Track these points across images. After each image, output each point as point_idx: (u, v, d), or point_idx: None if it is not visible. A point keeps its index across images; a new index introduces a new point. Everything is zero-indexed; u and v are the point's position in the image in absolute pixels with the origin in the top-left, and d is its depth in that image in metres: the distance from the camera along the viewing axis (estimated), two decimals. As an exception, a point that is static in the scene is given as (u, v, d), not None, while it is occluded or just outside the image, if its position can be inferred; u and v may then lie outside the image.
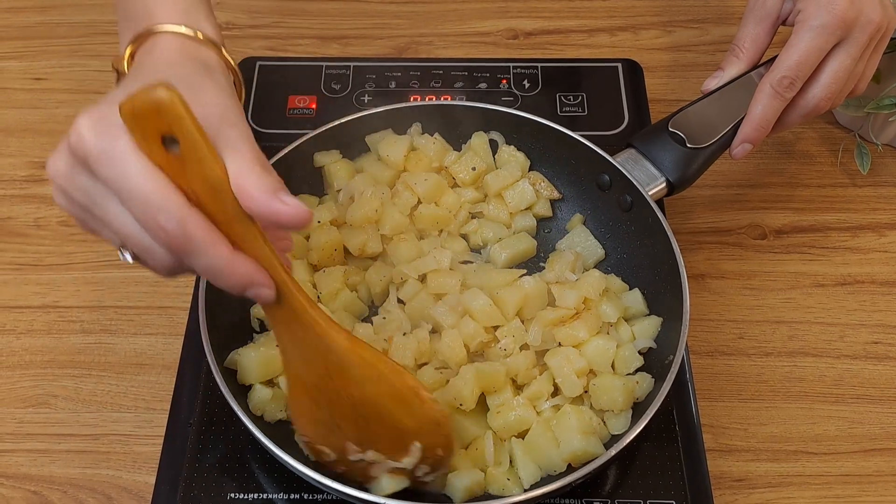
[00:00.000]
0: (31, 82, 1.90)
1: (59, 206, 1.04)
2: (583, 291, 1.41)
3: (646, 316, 1.44)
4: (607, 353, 1.36)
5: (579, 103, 1.77)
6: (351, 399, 1.16)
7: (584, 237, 1.54)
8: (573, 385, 1.33)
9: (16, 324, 1.54)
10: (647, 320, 1.42)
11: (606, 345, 1.37)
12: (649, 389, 1.33)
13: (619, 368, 1.37)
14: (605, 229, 1.54)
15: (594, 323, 1.38)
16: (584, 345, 1.37)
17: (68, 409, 1.46)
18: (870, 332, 1.55)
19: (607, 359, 1.36)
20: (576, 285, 1.42)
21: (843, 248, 1.65)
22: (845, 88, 1.46)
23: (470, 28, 2.00)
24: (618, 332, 1.41)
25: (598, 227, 1.55)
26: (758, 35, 1.51)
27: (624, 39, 1.99)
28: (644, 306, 1.44)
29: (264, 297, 1.03)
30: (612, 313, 1.41)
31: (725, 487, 1.39)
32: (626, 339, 1.41)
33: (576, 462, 1.27)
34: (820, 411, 1.46)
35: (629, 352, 1.37)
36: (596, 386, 1.33)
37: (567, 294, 1.40)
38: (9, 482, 1.39)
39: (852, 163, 1.72)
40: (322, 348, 1.12)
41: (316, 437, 1.23)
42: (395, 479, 1.23)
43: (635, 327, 1.42)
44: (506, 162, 1.58)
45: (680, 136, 1.46)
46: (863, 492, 1.39)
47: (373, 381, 1.15)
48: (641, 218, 1.46)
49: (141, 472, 1.40)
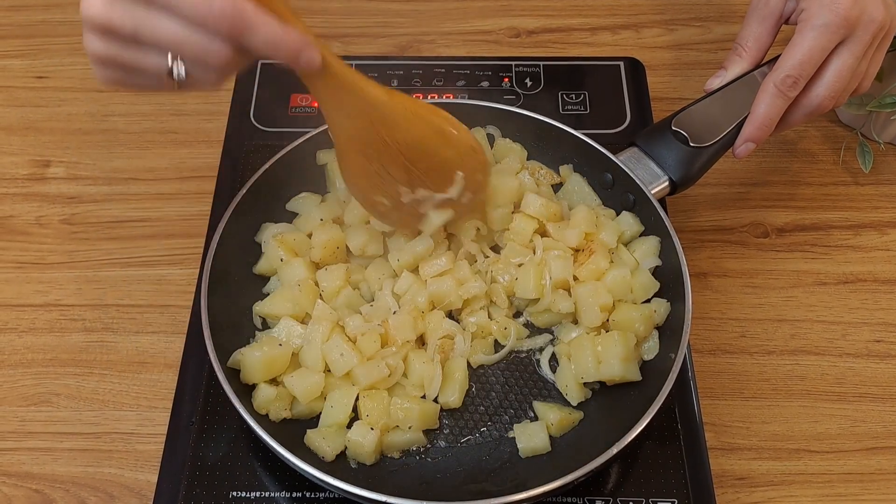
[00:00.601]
0: (33, 80, 1.90)
1: (90, 53, 1.08)
2: (582, 227, 1.46)
3: (642, 236, 1.47)
4: (625, 282, 1.41)
5: (581, 101, 1.77)
6: (397, 144, 1.30)
7: (579, 186, 1.57)
8: (595, 316, 1.39)
9: (18, 322, 1.55)
10: (646, 240, 1.46)
11: (622, 273, 1.42)
12: (667, 314, 1.38)
13: (638, 294, 1.42)
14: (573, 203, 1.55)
15: (606, 254, 1.44)
16: (604, 276, 1.43)
17: (70, 407, 1.46)
18: (872, 331, 1.55)
19: (626, 287, 1.41)
20: (569, 224, 1.48)
21: (845, 247, 1.65)
22: (849, 87, 1.46)
23: (472, 26, 2.00)
24: (620, 257, 1.45)
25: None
26: (761, 34, 1.50)
27: (626, 38, 1.99)
28: (638, 224, 1.48)
29: (315, 62, 1.13)
30: (609, 239, 1.46)
31: (727, 486, 1.39)
32: (631, 263, 1.45)
33: (609, 382, 1.36)
34: (822, 410, 1.46)
35: (645, 277, 1.43)
36: (615, 320, 1.39)
37: (568, 234, 1.46)
38: (11, 480, 1.39)
39: (854, 161, 1.72)
40: (366, 106, 1.25)
41: (372, 190, 1.37)
42: (442, 211, 1.41)
43: (636, 252, 1.46)
44: (504, 154, 1.59)
45: (683, 134, 1.46)
46: (865, 490, 1.39)
47: (413, 122, 1.31)
48: (644, 216, 1.46)
49: (143, 471, 1.40)
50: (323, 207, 1.52)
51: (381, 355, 1.37)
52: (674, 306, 1.38)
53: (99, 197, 1.70)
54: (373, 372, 1.34)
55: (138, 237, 1.65)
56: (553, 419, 1.35)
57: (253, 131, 1.73)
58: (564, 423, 1.35)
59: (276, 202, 1.53)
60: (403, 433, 1.33)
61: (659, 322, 1.40)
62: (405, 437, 1.33)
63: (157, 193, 1.71)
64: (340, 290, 1.44)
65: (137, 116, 1.82)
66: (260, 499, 1.32)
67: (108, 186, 1.72)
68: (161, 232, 1.65)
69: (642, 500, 1.32)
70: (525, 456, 1.34)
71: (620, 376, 1.34)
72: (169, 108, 1.83)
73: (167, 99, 1.84)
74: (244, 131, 1.73)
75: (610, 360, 1.34)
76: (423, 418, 1.34)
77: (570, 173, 1.58)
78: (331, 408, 1.33)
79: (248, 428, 1.23)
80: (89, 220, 1.67)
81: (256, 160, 1.60)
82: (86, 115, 1.83)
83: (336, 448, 1.30)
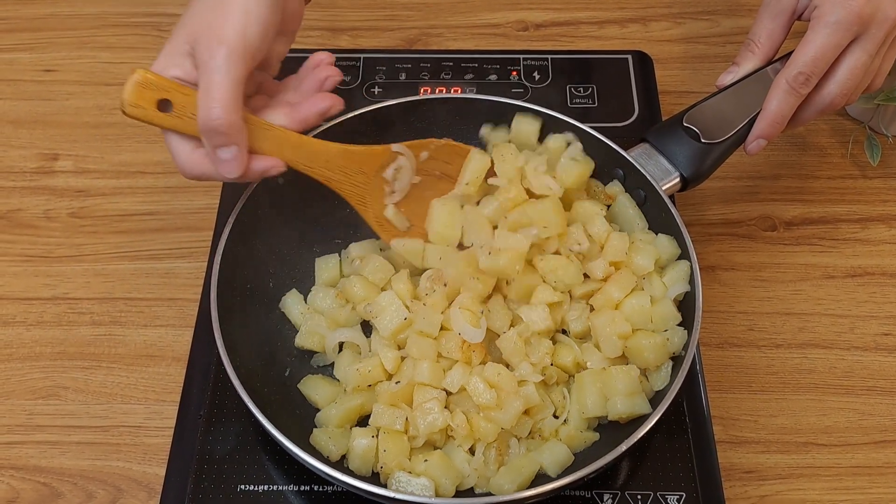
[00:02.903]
0: (41, 74, 1.90)
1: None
2: (608, 257, 1.41)
3: (678, 260, 1.42)
4: (644, 311, 1.37)
5: (589, 95, 1.77)
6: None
7: (624, 208, 1.52)
8: (614, 346, 1.34)
9: (26, 315, 1.55)
10: (678, 265, 1.41)
11: (641, 302, 1.37)
12: (683, 341, 1.33)
13: (658, 325, 1.37)
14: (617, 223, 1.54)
15: (627, 282, 1.39)
16: (622, 305, 1.38)
17: (78, 400, 1.46)
18: (880, 324, 1.54)
19: (645, 315, 1.37)
20: (600, 253, 1.43)
21: (853, 240, 1.65)
22: (861, 85, 1.45)
23: (480, 20, 2.00)
24: (651, 283, 1.40)
25: (611, 220, 1.54)
26: (773, 30, 1.50)
27: (634, 31, 1.99)
28: (675, 247, 1.42)
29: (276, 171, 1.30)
30: (646, 264, 1.40)
31: (735, 479, 1.39)
32: (659, 291, 1.40)
33: (623, 420, 1.30)
34: (830, 403, 1.46)
35: (666, 307, 1.37)
36: (629, 347, 1.34)
37: (593, 266, 1.41)
38: (19, 474, 1.39)
39: (862, 154, 1.72)
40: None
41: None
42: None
43: (666, 276, 1.41)
44: (565, 168, 1.48)
45: (694, 130, 1.46)
46: (873, 483, 1.39)
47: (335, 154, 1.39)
48: (654, 212, 1.45)
49: (151, 464, 1.40)
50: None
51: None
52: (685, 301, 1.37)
53: (107, 190, 1.70)
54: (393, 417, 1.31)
55: (146, 230, 1.65)
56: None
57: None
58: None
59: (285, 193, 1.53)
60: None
61: (675, 351, 1.35)
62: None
63: (165, 187, 1.71)
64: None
65: (145, 110, 1.82)
66: (268, 492, 1.32)
67: (116, 180, 1.72)
68: (169, 225, 1.65)
69: (650, 494, 1.32)
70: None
71: (628, 413, 1.30)
72: (177, 101, 1.83)
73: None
74: (252, 124, 1.72)
75: (614, 397, 1.31)
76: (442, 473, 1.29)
77: (619, 192, 1.51)
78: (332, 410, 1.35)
79: (256, 422, 1.22)
80: (97, 214, 1.67)
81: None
82: (94, 109, 1.83)
83: (341, 449, 1.30)
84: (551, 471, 1.28)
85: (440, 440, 1.32)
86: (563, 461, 1.29)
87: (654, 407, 1.25)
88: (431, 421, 1.29)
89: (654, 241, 1.44)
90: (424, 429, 1.29)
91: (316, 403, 1.37)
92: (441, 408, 1.30)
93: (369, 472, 1.29)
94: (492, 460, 1.30)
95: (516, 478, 1.26)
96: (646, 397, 1.31)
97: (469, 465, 1.29)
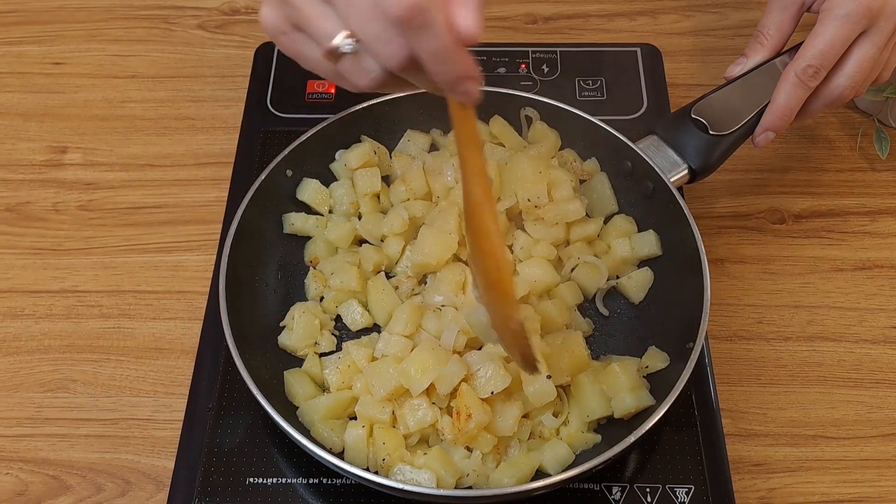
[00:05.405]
0: (50, 67, 1.90)
1: (265, 23, 1.04)
2: (566, 218, 1.50)
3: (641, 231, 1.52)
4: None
5: (598, 88, 1.77)
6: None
7: (601, 186, 1.56)
8: None
9: (35, 308, 1.55)
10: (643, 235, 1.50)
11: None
12: (665, 365, 1.37)
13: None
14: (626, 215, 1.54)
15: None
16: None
17: (87, 393, 1.46)
18: (889, 317, 1.54)
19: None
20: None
21: (861, 233, 1.64)
22: (869, 77, 1.45)
23: (489, 12, 2.00)
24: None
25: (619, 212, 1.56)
26: (782, 22, 1.49)
27: (643, 24, 1.98)
28: (657, 248, 1.50)
29: (474, 93, 1.01)
30: (623, 250, 1.51)
31: (744, 472, 1.39)
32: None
33: (628, 416, 1.32)
34: (839, 396, 1.46)
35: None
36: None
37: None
38: (28, 466, 1.39)
39: (871, 147, 1.71)
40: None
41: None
42: None
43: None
44: (538, 140, 1.58)
45: (703, 122, 1.46)
46: (882, 476, 1.39)
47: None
48: (663, 204, 1.45)
49: (160, 457, 1.40)
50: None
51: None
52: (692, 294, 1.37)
53: (116, 183, 1.71)
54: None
55: (155, 223, 1.65)
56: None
57: (270, 117, 1.72)
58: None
59: (294, 186, 1.53)
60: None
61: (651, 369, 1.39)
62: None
63: (173, 180, 1.71)
64: None
65: (154, 103, 1.83)
66: (276, 485, 1.32)
67: (124, 173, 1.72)
68: (178, 218, 1.66)
69: (659, 487, 1.32)
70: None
71: (637, 406, 1.32)
72: (185, 94, 1.84)
73: (184, 85, 1.84)
74: (261, 117, 1.72)
75: (620, 394, 1.32)
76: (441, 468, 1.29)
77: (596, 170, 1.57)
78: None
79: (264, 414, 1.23)
80: (106, 207, 1.67)
81: (273, 146, 1.61)
82: (103, 102, 1.83)
83: (342, 441, 1.31)
84: (551, 469, 1.29)
85: (434, 439, 1.33)
86: (563, 460, 1.29)
87: (662, 399, 1.25)
88: (421, 417, 1.30)
89: (633, 232, 1.52)
90: (415, 425, 1.30)
91: (293, 398, 1.37)
92: (429, 403, 1.31)
93: (364, 465, 1.29)
94: (490, 459, 1.30)
95: (516, 473, 1.26)
96: (647, 390, 1.34)
97: (468, 465, 1.29)
